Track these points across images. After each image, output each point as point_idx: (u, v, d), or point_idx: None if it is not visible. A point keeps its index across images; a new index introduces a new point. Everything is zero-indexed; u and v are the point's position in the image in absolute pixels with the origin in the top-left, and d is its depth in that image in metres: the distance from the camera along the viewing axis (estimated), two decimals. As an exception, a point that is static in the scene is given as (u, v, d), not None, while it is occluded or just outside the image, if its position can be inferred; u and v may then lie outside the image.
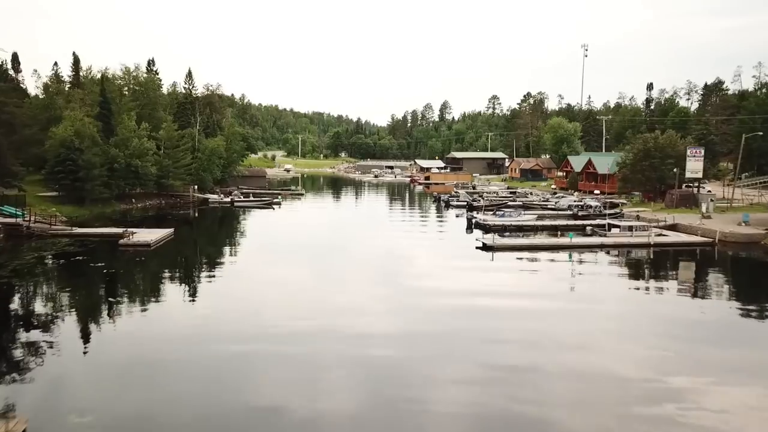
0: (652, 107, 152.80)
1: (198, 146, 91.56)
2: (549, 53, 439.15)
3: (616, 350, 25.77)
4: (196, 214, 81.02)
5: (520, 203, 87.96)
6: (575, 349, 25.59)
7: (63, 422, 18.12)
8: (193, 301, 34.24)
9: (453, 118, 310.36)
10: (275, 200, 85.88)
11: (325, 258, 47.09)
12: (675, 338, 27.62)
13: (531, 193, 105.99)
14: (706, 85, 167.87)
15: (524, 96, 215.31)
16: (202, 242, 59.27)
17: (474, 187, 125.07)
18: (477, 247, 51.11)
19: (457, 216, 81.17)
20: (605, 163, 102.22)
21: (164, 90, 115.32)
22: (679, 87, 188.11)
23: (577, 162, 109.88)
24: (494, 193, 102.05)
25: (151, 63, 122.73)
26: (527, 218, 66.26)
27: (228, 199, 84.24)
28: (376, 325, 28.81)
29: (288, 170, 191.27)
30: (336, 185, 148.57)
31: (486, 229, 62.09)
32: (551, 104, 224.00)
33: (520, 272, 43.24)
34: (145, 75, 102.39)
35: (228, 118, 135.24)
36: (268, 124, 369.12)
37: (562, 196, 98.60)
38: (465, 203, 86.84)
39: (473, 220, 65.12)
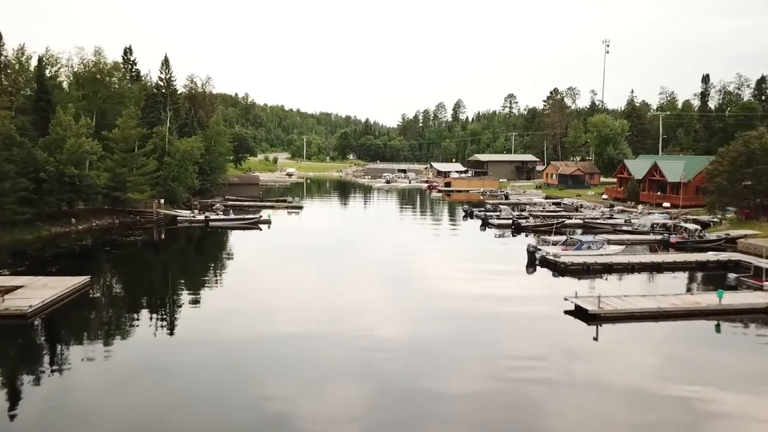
0: (708, 102, 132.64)
1: (168, 149, 72.51)
2: (556, 52, 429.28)
3: None
4: (163, 236, 62.25)
5: (578, 221, 68.37)
6: None
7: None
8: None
9: (467, 117, 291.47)
10: (263, 218, 66.49)
11: (323, 333, 27.86)
12: None
13: (581, 206, 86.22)
14: (763, 77, 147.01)
15: (550, 92, 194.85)
16: (129, 301, 35.52)
17: (506, 197, 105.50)
18: (567, 312, 31.66)
19: (496, 237, 61.94)
20: (676, 168, 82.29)
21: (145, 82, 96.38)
22: (728, 81, 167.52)
23: (637, 167, 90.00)
24: (539, 205, 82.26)
25: (128, 51, 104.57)
26: (614, 250, 46.70)
27: (202, 217, 64.86)
28: None
29: (290, 174, 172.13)
30: (343, 192, 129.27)
31: (560, 269, 42.65)
32: (581, 101, 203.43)
33: (664, 383, 23.66)
34: (110, 62, 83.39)
35: (218, 115, 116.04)
36: (273, 125, 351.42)
37: (625, 211, 78.80)
38: (510, 220, 67.28)
39: (536, 254, 45.57)
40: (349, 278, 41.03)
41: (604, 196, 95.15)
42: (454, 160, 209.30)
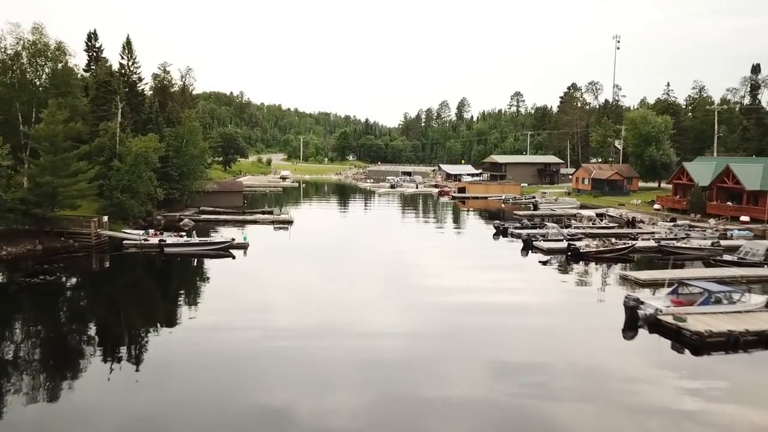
0: (758, 96, 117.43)
1: (119, 150, 56.67)
2: (555, 53, 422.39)
3: None
4: (104, 265, 46.83)
5: (647, 242, 52.56)
6: None
7: None
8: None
9: (472, 117, 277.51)
10: (236, 242, 50.29)
11: None
12: None
13: (635, 219, 70.29)
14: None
15: (568, 88, 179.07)
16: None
17: (535, 206, 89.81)
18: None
19: (543, 264, 46.55)
20: (754, 174, 66.87)
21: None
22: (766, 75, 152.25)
23: (700, 172, 74.25)
24: (586, 219, 66.39)
25: (92, 36, 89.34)
26: (756, 304, 30.70)
27: (155, 240, 48.84)
28: None
29: (284, 177, 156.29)
30: (343, 198, 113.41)
31: (689, 341, 26.75)
32: (602, 97, 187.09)
33: None
34: (53, 42, 67.62)
35: (198, 110, 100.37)
36: (270, 125, 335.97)
37: (693, 227, 62.98)
38: (561, 242, 51.58)
39: (639, 310, 29.75)
40: (354, 351, 25.11)
41: (656, 206, 79.33)
42: (462, 161, 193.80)
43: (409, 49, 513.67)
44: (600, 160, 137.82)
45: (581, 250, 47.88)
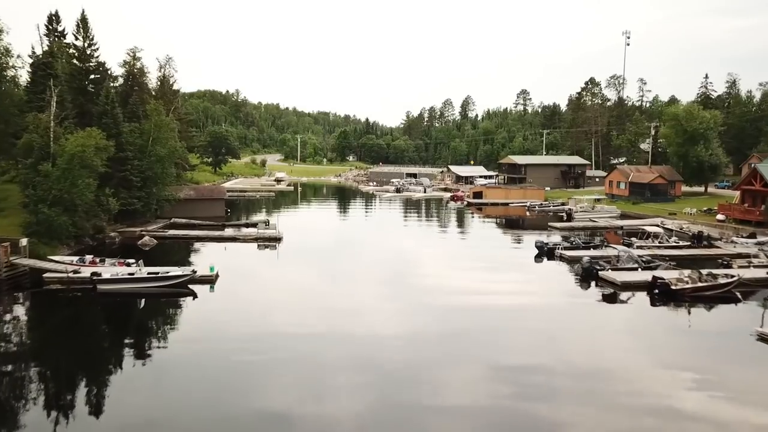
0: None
1: (53, 150, 43.50)
2: (555, 52, 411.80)
3: None
4: (26, 303, 34.04)
5: (754, 272, 39.46)
6: None
7: None
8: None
9: (476, 115, 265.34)
10: (198, 276, 36.79)
11: None
12: None
13: (702, 234, 56.92)
14: None
15: (586, 83, 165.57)
16: None
17: (569, 216, 76.60)
18: None
19: (609, 300, 33.39)
20: None
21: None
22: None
23: (780, 175, 61.09)
24: (655, 236, 53.09)
25: (53, 20, 76.05)
26: None
27: (87, 272, 35.67)
28: None
29: (279, 180, 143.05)
30: (343, 204, 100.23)
31: None
32: (628, 92, 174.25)
33: None
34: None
35: (179, 108, 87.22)
36: (267, 124, 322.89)
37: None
38: (634, 268, 38.65)
39: None
40: None
41: (720, 217, 66.13)
42: (471, 162, 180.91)
43: (410, 47, 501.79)
44: (624, 161, 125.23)
45: (672, 287, 34.69)
